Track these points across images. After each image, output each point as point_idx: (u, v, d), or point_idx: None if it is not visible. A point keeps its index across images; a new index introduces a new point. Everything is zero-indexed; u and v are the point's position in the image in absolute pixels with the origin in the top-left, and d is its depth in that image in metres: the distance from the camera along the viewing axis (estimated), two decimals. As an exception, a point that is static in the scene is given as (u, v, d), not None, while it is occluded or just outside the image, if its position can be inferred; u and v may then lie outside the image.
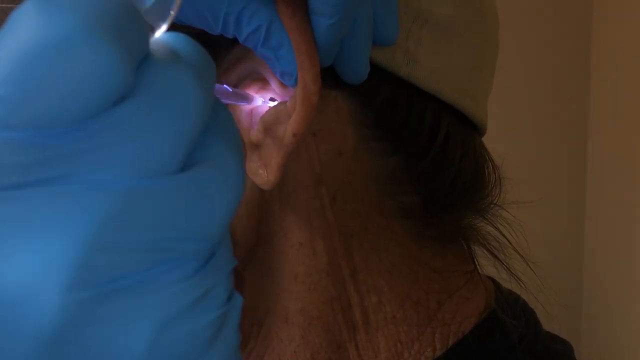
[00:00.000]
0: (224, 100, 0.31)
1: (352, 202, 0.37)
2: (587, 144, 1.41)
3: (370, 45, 0.33)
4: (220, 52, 0.35)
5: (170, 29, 0.25)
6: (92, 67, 0.19)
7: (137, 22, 0.21)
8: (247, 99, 0.34)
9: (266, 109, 0.34)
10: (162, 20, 0.24)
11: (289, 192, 0.36)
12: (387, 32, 0.33)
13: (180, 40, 0.24)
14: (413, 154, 0.37)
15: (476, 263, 0.42)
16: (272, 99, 0.35)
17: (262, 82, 0.34)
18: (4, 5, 0.38)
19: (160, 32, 0.24)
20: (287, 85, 0.32)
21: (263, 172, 0.33)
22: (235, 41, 0.32)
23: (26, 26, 0.19)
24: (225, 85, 0.32)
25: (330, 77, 0.34)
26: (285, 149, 0.32)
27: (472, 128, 0.40)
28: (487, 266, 0.43)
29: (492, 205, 0.42)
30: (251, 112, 0.35)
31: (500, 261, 0.42)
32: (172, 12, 0.25)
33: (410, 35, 0.35)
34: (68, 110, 0.19)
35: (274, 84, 0.34)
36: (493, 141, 0.44)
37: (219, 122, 0.24)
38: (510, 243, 0.42)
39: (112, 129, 0.20)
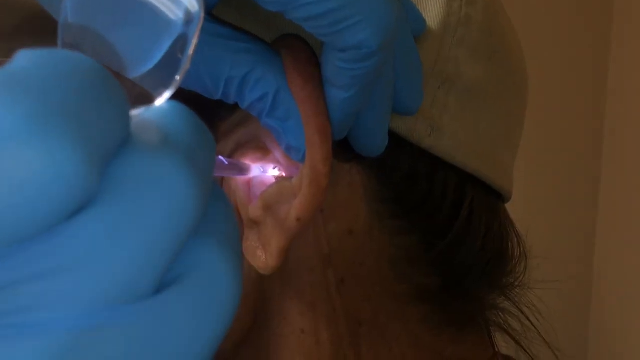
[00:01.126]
0: (217, 174, 0.27)
1: (362, 286, 0.33)
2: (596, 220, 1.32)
3: (389, 115, 0.29)
4: (219, 114, 0.31)
5: None
6: (36, 170, 0.14)
7: (112, 100, 0.16)
8: (245, 171, 0.29)
9: (268, 181, 0.30)
10: (164, 86, 0.20)
11: (291, 272, 0.32)
12: (410, 100, 0.29)
13: (171, 111, 0.19)
14: (433, 232, 0.33)
15: (496, 348, 0.38)
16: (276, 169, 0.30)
17: (264, 151, 0.30)
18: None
19: (162, 100, 0.20)
20: (294, 159, 0.28)
21: (262, 254, 0.29)
22: (236, 104, 0.28)
23: None
24: (220, 157, 0.28)
25: (343, 148, 0.29)
26: (287, 233, 0.28)
27: (496, 196, 0.36)
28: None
29: (516, 284, 0.37)
30: (249, 183, 0.30)
31: (523, 349, 0.37)
32: (177, 78, 0.20)
33: (435, 102, 0.31)
34: (3, 227, 0.14)
35: (278, 154, 0.30)
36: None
37: (214, 216, 0.19)
38: (534, 327, 0.38)
39: (60, 251, 0.15)
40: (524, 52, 0.37)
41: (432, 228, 0.33)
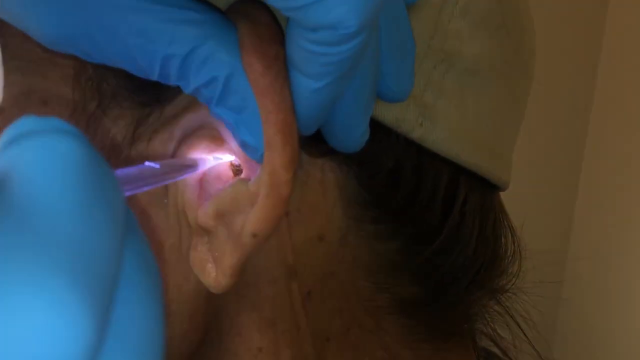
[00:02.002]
0: (149, 186, 0.21)
1: (332, 299, 0.28)
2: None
3: (372, 104, 0.23)
4: (161, 96, 0.25)
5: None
6: None
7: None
8: (191, 167, 0.24)
9: (225, 176, 0.25)
10: None
11: (248, 284, 0.27)
12: (398, 85, 0.24)
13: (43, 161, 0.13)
14: (418, 238, 0.28)
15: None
16: (235, 171, 0.25)
17: (217, 141, 0.25)
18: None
19: None
20: (251, 158, 0.23)
21: (212, 269, 0.24)
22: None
23: None
24: (149, 163, 0.21)
25: (313, 140, 0.24)
26: (242, 249, 0.23)
27: (491, 186, 0.31)
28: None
29: (508, 285, 0.33)
30: (200, 182, 0.25)
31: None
32: None
33: (429, 84, 0.26)
34: None
35: (234, 145, 0.24)
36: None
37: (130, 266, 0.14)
38: (526, 337, 0.33)
39: None
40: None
41: (418, 233, 0.28)
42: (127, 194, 0.19)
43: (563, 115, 1.01)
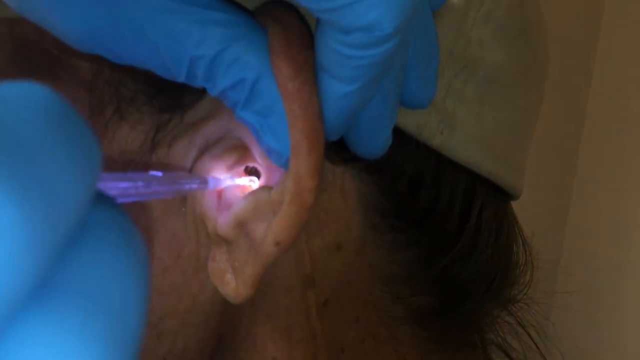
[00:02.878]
0: (147, 196, 0.20)
1: (348, 308, 0.27)
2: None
3: (397, 110, 0.23)
4: (183, 100, 0.24)
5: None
6: None
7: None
8: (200, 184, 0.23)
9: (244, 186, 0.24)
10: None
11: (264, 292, 0.26)
12: (422, 91, 0.23)
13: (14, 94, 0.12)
14: (436, 247, 0.28)
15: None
16: (250, 171, 0.24)
17: (241, 151, 0.24)
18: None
19: None
20: (275, 163, 0.22)
21: (232, 279, 0.23)
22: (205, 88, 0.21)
23: None
24: (153, 172, 0.20)
25: (335, 147, 0.24)
26: (264, 259, 0.22)
27: (505, 195, 0.31)
28: None
29: (520, 295, 0.33)
30: (219, 191, 0.24)
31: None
32: None
33: (450, 92, 0.25)
34: None
35: (257, 154, 0.24)
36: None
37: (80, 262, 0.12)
38: (538, 348, 0.33)
39: None
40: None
41: (435, 242, 0.27)
42: (126, 200, 0.18)
43: (556, 123, 1.01)
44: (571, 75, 1.04)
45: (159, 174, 0.21)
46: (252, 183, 0.24)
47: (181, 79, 0.21)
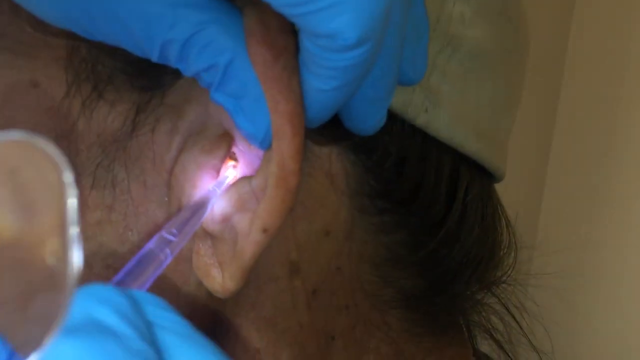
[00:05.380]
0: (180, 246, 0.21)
1: (338, 295, 0.27)
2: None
3: (392, 94, 0.22)
4: (163, 80, 0.23)
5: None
6: None
7: None
8: (199, 215, 0.22)
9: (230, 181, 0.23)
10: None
11: (248, 283, 0.25)
12: (413, 70, 0.23)
13: None
14: (423, 228, 0.27)
15: (479, 355, 0.33)
16: (231, 156, 0.24)
17: (228, 139, 0.23)
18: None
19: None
20: (251, 144, 0.22)
21: (217, 273, 0.23)
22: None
23: None
24: (165, 234, 0.21)
25: (320, 127, 0.23)
26: (252, 248, 0.22)
27: (489, 177, 0.30)
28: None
29: (503, 279, 0.33)
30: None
31: (507, 353, 0.33)
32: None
33: (434, 69, 0.25)
34: None
35: (237, 138, 0.23)
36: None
37: None
38: (521, 328, 0.33)
39: None
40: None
41: (422, 224, 0.27)
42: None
43: (530, 106, 1.02)
44: (545, 57, 1.05)
45: (172, 237, 0.21)
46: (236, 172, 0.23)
47: (154, 59, 0.20)
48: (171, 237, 0.21)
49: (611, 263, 0.92)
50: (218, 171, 0.23)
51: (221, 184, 0.23)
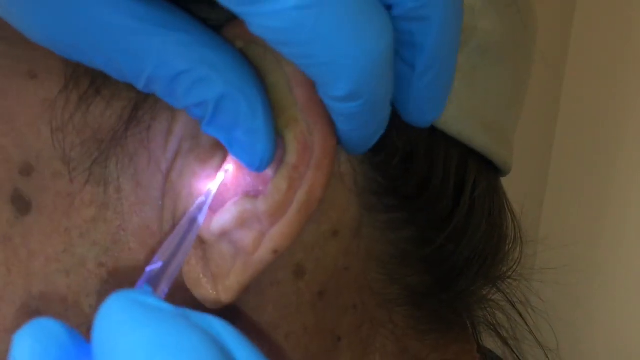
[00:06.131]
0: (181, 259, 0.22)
1: (346, 295, 0.26)
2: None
3: (449, 91, 0.22)
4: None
5: None
6: None
7: None
8: (196, 225, 0.22)
9: (235, 179, 0.23)
10: None
11: (249, 288, 0.25)
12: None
13: None
14: (431, 224, 0.27)
15: (483, 351, 0.32)
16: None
17: (219, 150, 0.23)
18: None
19: None
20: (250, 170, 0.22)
21: (209, 284, 0.23)
22: None
23: None
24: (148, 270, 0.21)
25: None
26: (257, 267, 0.22)
27: (496, 171, 0.30)
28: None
29: (509, 274, 0.32)
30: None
31: (512, 349, 0.33)
32: None
33: None
34: None
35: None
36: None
37: None
38: (527, 324, 0.33)
39: None
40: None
41: (430, 219, 0.27)
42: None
43: (533, 102, 1.01)
44: (548, 50, 1.04)
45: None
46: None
47: (140, 89, 0.20)
48: (155, 266, 0.21)
49: (613, 258, 0.91)
50: (214, 177, 0.23)
51: (209, 195, 0.22)
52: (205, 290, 0.23)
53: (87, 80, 0.23)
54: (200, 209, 0.22)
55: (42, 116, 0.23)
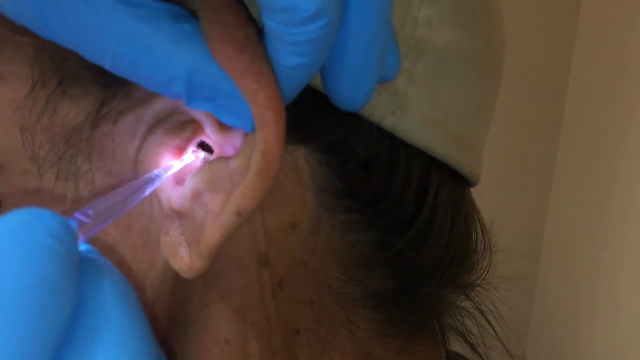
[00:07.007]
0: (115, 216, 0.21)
1: (303, 290, 0.27)
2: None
3: (381, 66, 0.23)
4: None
5: None
6: None
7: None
8: (138, 191, 0.23)
9: (198, 163, 0.24)
10: None
11: (218, 272, 0.26)
12: (391, 61, 0.24)
13: None
14: (392, 229, 0.27)
15: (452, 356, 0.33)
16: (203, 146, 0.24)
17: (194, 126, 0.24)
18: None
19: None
20: (235, 128, 0.22)
21: (186, 253, 0.23)
22: None
23: None
24: (78, 215, 0.21)
25: (289, 127, 0.23)
26: (223, 229, 0.22)
27: (462, 180, 0.31)
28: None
29: (478, 281, 0.33)
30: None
31: (480, 356, 0.33)
32: None
33: (401, 72, 0.25)
34: None
35: (208, 129, 0.23)
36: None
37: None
38: (496, 333, 0.33)
39: None
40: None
41: (390, 225, 0.27)
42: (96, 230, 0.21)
43: (536, 110, 1.01)
44: (550, 66, 1.05)
45: (84, 218, 0.21)
46: (199, 159, 0.24)
47: (107, 68, 0.20)
48: (83, 218, 0.21)
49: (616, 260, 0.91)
50: (183, 151, 0.24)
51: (168, 168, 0.23)
52: (182, 259, 0.23)
53: (55, 81, 0.24)
54: (152, 180, 0.23)
55: (11, 117, 0.24)
